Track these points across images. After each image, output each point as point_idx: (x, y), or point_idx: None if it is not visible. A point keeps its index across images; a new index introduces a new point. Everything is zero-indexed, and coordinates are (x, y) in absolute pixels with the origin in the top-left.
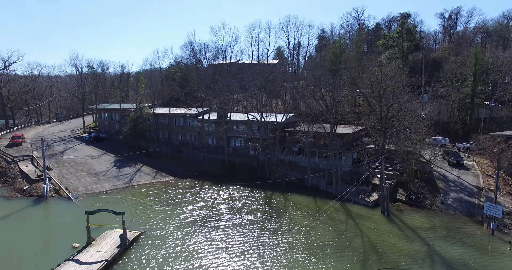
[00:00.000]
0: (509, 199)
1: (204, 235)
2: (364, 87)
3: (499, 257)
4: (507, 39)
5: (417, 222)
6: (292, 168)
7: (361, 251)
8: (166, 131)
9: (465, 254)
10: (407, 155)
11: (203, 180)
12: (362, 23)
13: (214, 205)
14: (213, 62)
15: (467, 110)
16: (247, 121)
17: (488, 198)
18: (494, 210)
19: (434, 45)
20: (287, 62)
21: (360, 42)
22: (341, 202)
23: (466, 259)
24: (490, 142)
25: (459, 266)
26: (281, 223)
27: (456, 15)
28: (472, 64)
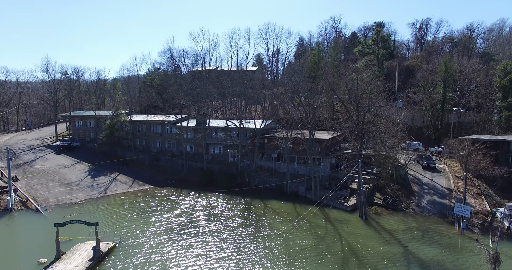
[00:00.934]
0: (476, 199)
1: (181, 243)
2: (342, 93)
3: (468, 255)
4: (471, 49)
5: (393, 224)
6: (271, 174)
7: (340, 255)
8: (144, 139)
9: (438, 254)
10: (384, 160)
11: (181, 188)
12: (339, 31)
13: (193, 213)
14: (192, 68)
15: (438, 115)
16: (226, 127)
17: (458, 199)
18: (463, 211)
19: (407, 54)
20: (266, 69)
21: (338, 50)
22: (320, 207)
23: (439, 258)
24: (458, 145)
25: (433, 266)
26: (260, 228)
27: (426, 25)
28: (442, 71)
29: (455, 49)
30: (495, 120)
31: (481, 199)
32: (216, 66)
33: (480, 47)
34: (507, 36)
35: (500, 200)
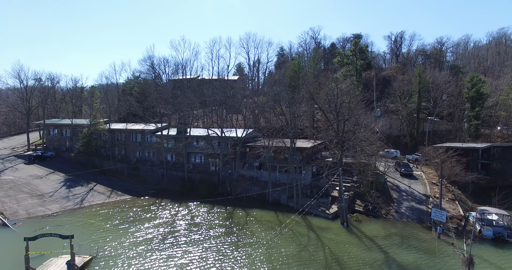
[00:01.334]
0: (451, 204)
1: (161, 253)
2: (322, 102)
3: (445, 258)
4: (441, 62)
5: (374, 231)
6: (253, 183)
7: (323, 262)
8: (123, 148)
9: (417, 259)
10: (363, 167)
11: (162, 197)
12: (318, 42)
13: (173, 222)
14: (172, 77)
15: (414, 124)
16: (207, 136)
17: (434, 205)
18: (440, 216)
19: (384, 65)
20: (247, 78)
21: (317, 60)
22: (302, 215)
23: (418, 263)
24: (433, 153)
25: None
26: (242, 237)
27: (401, 38)
28: (416, 82)
29: (428, 61)
30: (465, 129)
31: (455, 204)
32: (197, 74)
33: (449, 60)
34: (472, 50)
35: (472, 205)
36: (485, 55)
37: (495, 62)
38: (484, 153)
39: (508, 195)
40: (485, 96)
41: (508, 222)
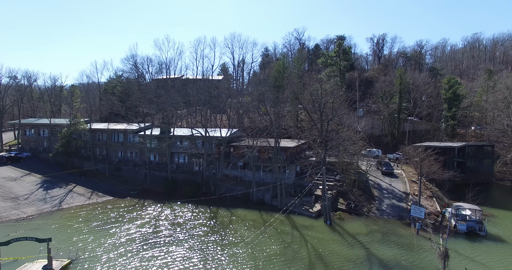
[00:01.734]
0: (429, 201)
1: (143, 254)
2: (306, 102)
3: (423, 253)
4: (421, 64)
5: (356, 228)
6: (237, 182)
7: (307, 260)
8: (104, 148)
9: (397, 254)
10: (346, 166)
11: (144, 198)
12: (303, 43)
13: (156, 223)
14: (156, 76)
15: (395, 124)
16: (191, 136)
17: (414, 202)
18: (419, 212)
19: (366, 66)
20: (231, 78)
21: (302, 61)
22: (286, 214)
23: (398, 258)
24: (413, 152)
25: (392, 265)
26: (226, 237)
27: (383, 40)
28: (398, 83)
29: (408, 63)
30: (443, 129)
31: (432, 201)
32: (181, 74)
33: (428, 62)
34: (449, 54)
35: (448, 201)
36: (460, 58)
37: (470, 65)
38: (460, 152)
39: (480, 191)
40: (461, 97)
41: (480, 217)
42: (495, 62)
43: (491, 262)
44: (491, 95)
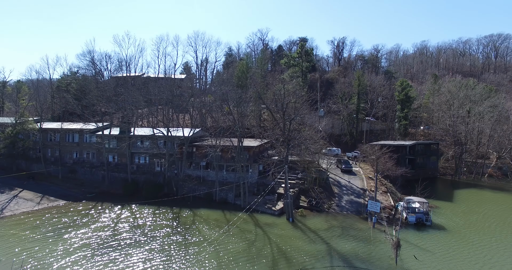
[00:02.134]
0: (384, 196)
1: (101, 258)
2: (269, 102)
3: (378, 245)
4: (377, 67)
5: (317, 224)
6: (200, 182)
7: (270, 257)
8: (57, 149)
9: (355, 247)
10: (308, 165)
11: (102, 201)
12: (266, 44)
13: (114, 226)
14: (115, 74)
15: (354, 124)
16: (152, 136)
17: (370, 198)
18: (375, 207)
19: (327, 68)
20: (194, 77)
21: (265, 61)
22: (249, 213)
23: (356, 250)
24: (370, 150)
25: (351, 257)
26: (189, 237)
27: (342, 43)
28: (356, 85)
29: (366, 66)
30: (396, 128)
31: (387, 196)
32: (143, 72)
33: (384, 66)
34: (402, 58)
35: (400, 196)
36: (411, 63)
37: (419, 70)
38: (411, 149)
39: (427, 185)
40: (412, 99)
41: (426, 208)
42: (440, 68)
43: (435, 248)
44: (436, 98)
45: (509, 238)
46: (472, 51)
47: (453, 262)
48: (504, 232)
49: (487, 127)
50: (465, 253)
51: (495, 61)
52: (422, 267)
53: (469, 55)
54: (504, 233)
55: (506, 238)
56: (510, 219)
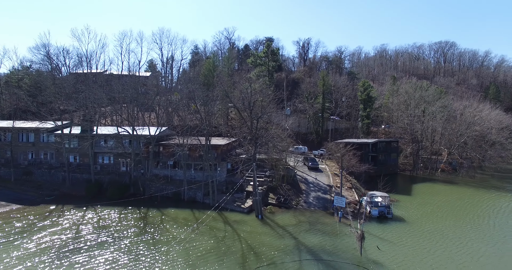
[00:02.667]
0: (349, 192)
1: (61, 262)
2: (236, 101)
3: (344, 238)
4: (341, 68)
5: (286, 221)
6: (167, 182)
7: (240, 254)
8: (8, 150)
9: (322, 241)
10: (275, 162)
11: (63, 203)
12: (233, 43)
13: (77, 228)
14: (75, 70)
15: (319, 122)
16: (117, 135)
17: (336, 193)
18: (340, 202)
19: (293, 68)
20: (160, 75)
21: (232, 60)
22: (218, 211)
23: (323, 244)
24: (335, 148)
25: (318, 250)
26: (157, 237)
27: (307, 44)
28: (321, 85)
29: (330, 67)
30: (359, 127)
31: (352, 192)
32: (105, 69)
33: (347, 67)
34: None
35: (364, 191)
36: (372, 65)
37: (380, 71)
38: (373, 147)
39: (389, 181)
40: (373, 99)
41: (388, 202)
42: (398, 70)
43: (395, 238)
44: (395, 98)
45: (457, 224)
46: (425, 56)
47: (411, 250)
48: (452, 220)
49: (439, 125)
50: (421, 241)
51: (444, 66)
52: (384, 256)
53: (422, 59)
54: (453, 221)
55: (454, 225)
56: (457, 208)
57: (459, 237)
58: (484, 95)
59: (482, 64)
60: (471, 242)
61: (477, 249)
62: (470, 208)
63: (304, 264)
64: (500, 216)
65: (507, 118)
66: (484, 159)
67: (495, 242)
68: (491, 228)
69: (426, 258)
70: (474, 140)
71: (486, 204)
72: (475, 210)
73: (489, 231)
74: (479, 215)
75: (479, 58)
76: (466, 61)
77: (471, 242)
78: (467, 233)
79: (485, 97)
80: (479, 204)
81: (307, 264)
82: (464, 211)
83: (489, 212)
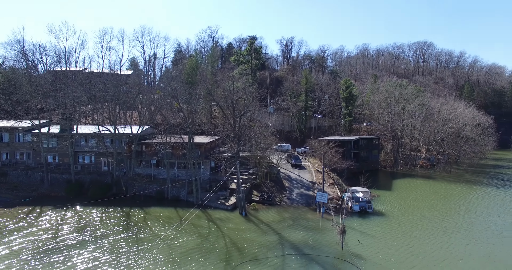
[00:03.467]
0: (331, 188)
1: (37, 263)
2: (219, 98)
3: (327, 232)
4: (323, 66)
5: (270, 217)
6: (151, 181)
7: (224, 250)
8: None
9: (305, 236)
10: (259, 160)
11: (41, 205)
12: (216, 41)
13: (56, 229)
14: (53, 67)
15: (303, 120)
16: (98, 134)
17: (319, 190)
18: (323, 198)
19: (276, 66)
20: (142, 73)
21: (215, 58)
22: (202, 209)
23: (306, 239)
24: (318, 145)
25: (302, 246)
26: (140, 236)
27: (291, 43)
28: (304, 83)
29: (313, 65)
30: (342, 124)
31: (334, 188)
32: (85, 67)
33: (329, 66)
34: (346, 59)
35: (346, 187)
36: (354, 63)
37: (362, 70)
38: (355, 144)
39: (370, 177)
40: (355, 97)
41: (369, 197)
42: (379, 69)
43: (375, 232)
44: (376, 96)
45: (431, 216)
46: (405, 55)
47: (390, 242)
48: (428, 212)
49: (418, 123)
50: (399, 234)
51: (423, 65)
52: (365, 249)
53: (402, 59)
54: (428, 213)
55: (429, 217)
56: (433, 202)
57: (432, 228)
58: (459, 93)
59: (458, 64)
60: (442, 232)
61: (447, 239)
62: (444, 201)
63: (287, 259)
64: (469, 208)
65: (479, 116)
66: (459, 155)
67: (463, 232)
68: (461, 219)
69: (402, 249)
70: (450, 136)
71: (458, 197)
72: (448, 203)
73: (459, 221)
74: (451, 208)
75: (454, 58)
76: (443, 61)
77: (442, 232)
78: (439, 224)
79: (460, 96)
80: (452, 197)
81: (290, 259)
82: (439, 204)
83: (460, 205)
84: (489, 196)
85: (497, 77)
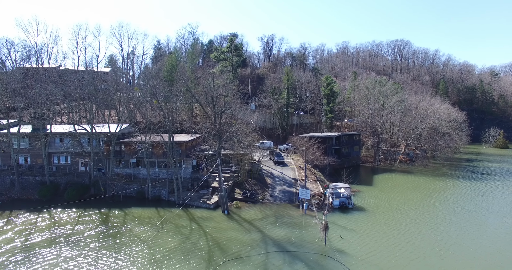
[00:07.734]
0: (314, 185)
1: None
2: (199, 96)
3: (309, 229)
4: (305, 63)
5: (252, 215)
6: (130, 181)
7: (206, 250)
8: None
9: (288, 233)
10: (241, 158)
11: (11, 209)
12: (197, 38)
13: (27, 234)
14: (22, 64)
15: (284, 117)
16: (74, 133)
17: (301, 186)
18: (305, 194)
19: (258, 63)
20: (120, 71)
21: (195, 55)
22: (184, 208)
23: (289, 235)
24: (300, 142)
25: (285, 243)
26: (121, 237)
27: (272, 40)
28: (285, 80)
29: (294, 63)
30: (323, 121)
31: (317, 184)
32: (59, 64)
33: (311, 63)
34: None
35: (329, 183)
36: (335, 61)
37: (342, 67)
38: (337, 140)
39: (351, 172)
40: (336, 94)
41: (349, 193)
42: (359, 66)
43: (356, 227)
44: (357, 93)
45: (411, 211)
46: (384, 53)
47: (370, 236)
48: (407, 207)
49: (397, 119)
50: (379, 228)
51: (401, 63)
52: (347, 244)
53: (381, 56)
54: (408, 208)
55: (409, 211)
56: (412, 196)
57: (412, 221)
58: (435, 90)
59: (433, 62)
60: (421, 225)
61: (427, 231)
62: (422, 195)
63: (270, 256)
64: (444, 201)
65: (454, 112)
66: (436, 150)
67: (438, 224)
68: (437, 212)
69: (383, 242)
70: (428, 132)
71: (435, 191)
72: (426, 197)
73: (435, 214)
74: (430, 200)
75: (430, 56)
76: (419, 58)
77: (421, 225)
78: (419, 217)
79: (436, 92)
80: (430, 191)
81: (273, 256)
82: (418, 197)
83: (435, 197)
84: (465, 189)
85: (469, 75)
